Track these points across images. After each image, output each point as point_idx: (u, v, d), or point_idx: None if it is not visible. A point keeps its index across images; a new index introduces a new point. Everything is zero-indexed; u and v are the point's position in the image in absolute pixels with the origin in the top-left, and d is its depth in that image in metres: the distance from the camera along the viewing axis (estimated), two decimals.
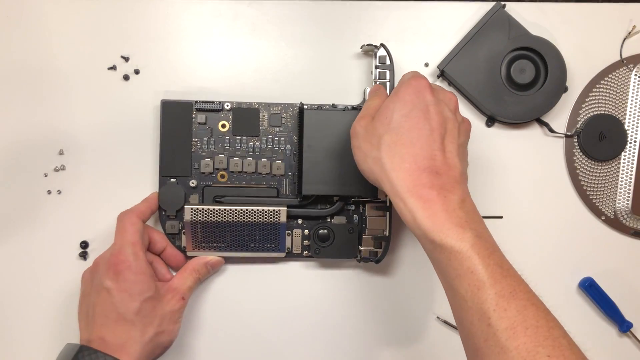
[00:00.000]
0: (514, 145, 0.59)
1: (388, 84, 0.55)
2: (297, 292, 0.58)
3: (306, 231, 0.57)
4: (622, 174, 0.58)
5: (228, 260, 0.58)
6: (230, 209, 0.54)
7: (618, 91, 0.59)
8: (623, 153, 0.58)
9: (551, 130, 0.59)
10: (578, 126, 0.59)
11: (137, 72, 0.58)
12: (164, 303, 0.52)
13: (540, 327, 0.37)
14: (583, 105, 0.59)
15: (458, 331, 0.41)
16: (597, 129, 0.58)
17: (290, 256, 0.57)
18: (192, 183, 0.57)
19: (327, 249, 0.56)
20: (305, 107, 0.56)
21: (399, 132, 0.43)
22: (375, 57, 0.56)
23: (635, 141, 0.58)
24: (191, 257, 0.57)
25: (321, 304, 0.58)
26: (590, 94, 0.59)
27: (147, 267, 0.51)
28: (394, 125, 0.44)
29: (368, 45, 0.56)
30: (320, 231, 0.56)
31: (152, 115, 0.58)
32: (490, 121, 0.59)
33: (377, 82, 0.55)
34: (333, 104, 0.57)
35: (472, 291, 0.38)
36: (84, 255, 0.57)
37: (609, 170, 0.58)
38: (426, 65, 0.59)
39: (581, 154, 0.59)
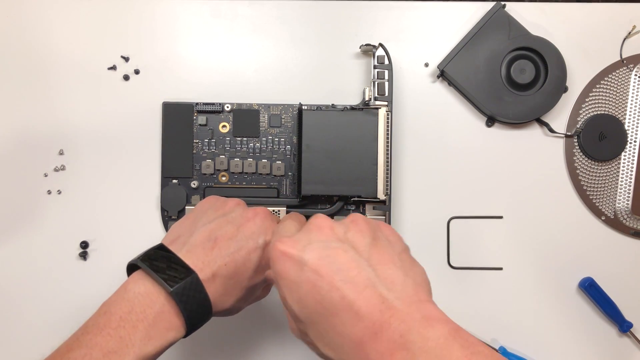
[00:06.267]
0: (514, 145, 0.59)
1: (387, 83, 0.56)
2: None
3: None
4: (622, 174, 0.58)
5: None
6: None
7: (618, 91, 0.59)
8: (623, 153, 0.58)
9: (551, 130, 0.59)
10: (578, 126, 0.59)
11: (137, 72, 0.58)
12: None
13: None
14: (583, 105, 0.59)
15: None
16: (597, 129, 0.58)
17: None
18: (194, 184, 0.57)
19: None
20: (304, 107, 0.56)
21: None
22: (374, 57, 0.56)
23: (635, 141, 0.58)
24: None
25: None
26: (590, 94, 0.59)
27: None
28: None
29: (367, 45, 0.56)
30: None
31: (152, 115, 0.58)
32: (490, 121, 0.59)
33: (376, 82, 0.55)
34: (332, 104, 0.57)
35: None
36: (84, 255, 0.57)
37: (609, 170, 0.58)
38: (426, 65, 0.59)
39: (581, 154, 0.58)
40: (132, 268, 0.42)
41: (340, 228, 0.38)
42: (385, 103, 0.55)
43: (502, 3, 0.57)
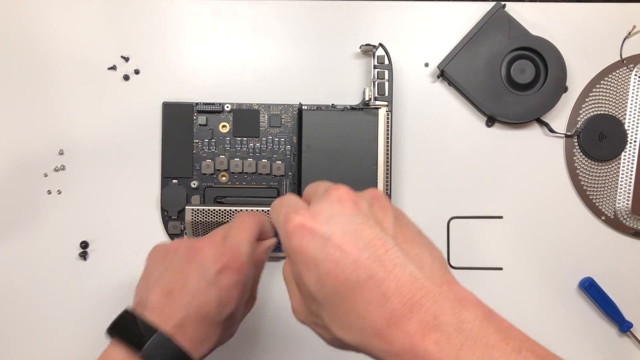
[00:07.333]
0: (514, 145, 0.59)
1: (387, 83, 0.56)
2: None
3: None
4: (622, 174, 0.58)
5: None
6: (231, 210, 0.54)
7: (618, 91, 0.59)
8: (623, 153, 0.58)
9: (551, 130, 0.59)
10: (578, 126, 0.59)
11: (137, 72, 0.58)
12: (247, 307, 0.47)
13: None
14: (583, 105, 0.59)
15: None
16: (597, 129, 0.58)
17: None
18: (194, 184, 0.57)
19: None
20: (305, 107, 0.57)
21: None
22: (374, 57, 0.56)
23: (635, 141, 0.58)
24: None
25: None
26: (590, 94, 0.59)
27: (253, 272, 0.45)
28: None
29: (367, 45, 0.56)
30: None
31: (152, 115, 0.58)
32: (490, 121, 0.59)
33: (376, 82, 0.55)
34: (332, 104, 0.57)
35: None
36: (84, 255, 0.57)
37: (609, 170, 0.58)
38: (426, 65, 0.59)
39: (581, 154, 0.59)
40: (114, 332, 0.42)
41: (364, 202, 0.34)
42: (385, 103, 0.55)
43: (502, 3, 0.57)
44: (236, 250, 0.43)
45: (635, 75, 0.58)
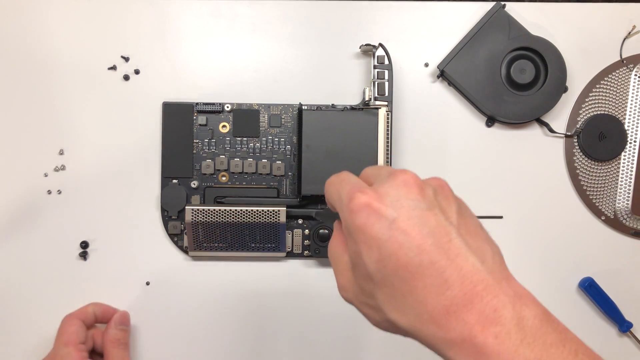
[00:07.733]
0: (514, 145, 0.59)
1: (387, 83, 0.56)
2: (297, 292, 0.58)
3: (306, 231, 0.57)
4: (622, 174, 0.58)
5: (229, 260, 0.58)
6: (231, 210, 0.54)
7: (618, 91, 0.59)
8: (623, 153, 0.58)
9: (551, 130, 0.59)
10: (578, 126, 0.59)
11: (137, 72, 0.58)
12: None
13: None
14: (583, 105, 0.59)
15: None
16: (597, 129, 0.58)
17: (291, 256, 0.57)
18: (194, 184, 0.57)
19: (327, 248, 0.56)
20: (304, 107, 0.57)
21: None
22: (374, 57, 0.56)
23: (635, 141, 0.58)
24: (193, 257, 0.57)
25: (321, 303, 0.58)
26: (590, 94, 0.59)
27: None
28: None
29: (367, 45, 0.56)
30: (320, 231, 0.56)
31: (152, 115, 0.58)
32: (490, 121, 0.59)
33: (376, 82, 0.55)
34: (332, 104, 0.57)
35: None
36: (84, 255, 0.57)
37: (609, 170, 0.58)
38: (426, 65, 0.59)
39: (581, 154, 0.59)
40: None
41: (429, 189, 0.34)
42: (385, 103, 0.55)
43: (502, 3, 0.57)
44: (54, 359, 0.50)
45: (635, 75, 0.58)
